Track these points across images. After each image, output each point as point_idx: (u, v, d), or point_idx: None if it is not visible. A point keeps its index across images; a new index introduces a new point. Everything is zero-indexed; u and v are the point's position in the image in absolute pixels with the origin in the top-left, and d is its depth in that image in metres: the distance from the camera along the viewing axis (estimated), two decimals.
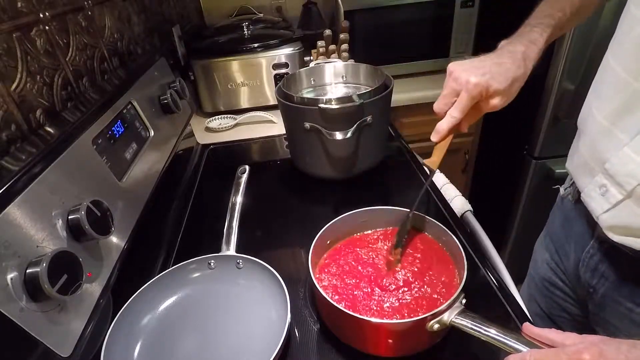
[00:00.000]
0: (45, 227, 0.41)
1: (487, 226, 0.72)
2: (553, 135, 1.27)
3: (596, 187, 0.52)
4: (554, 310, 0.73)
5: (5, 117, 0.49)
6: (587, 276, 0.60)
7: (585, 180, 0.55)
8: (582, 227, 0.61)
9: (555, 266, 0.70)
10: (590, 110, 0.54)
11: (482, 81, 0.51)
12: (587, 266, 0.60)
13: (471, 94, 0.51)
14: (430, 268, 0.56)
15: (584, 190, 0.55)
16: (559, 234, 0.68)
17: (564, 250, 0.67)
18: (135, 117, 0.71)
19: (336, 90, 0.92)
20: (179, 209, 0.83)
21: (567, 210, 0.66)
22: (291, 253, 0.70)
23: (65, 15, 0.65)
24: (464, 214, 0.75)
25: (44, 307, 0.39)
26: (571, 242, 0.64)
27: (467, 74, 0.52)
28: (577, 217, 0.63)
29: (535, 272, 0.77)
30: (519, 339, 0.39)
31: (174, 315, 0.57)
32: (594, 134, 0.53)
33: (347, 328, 0.50)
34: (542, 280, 0.74)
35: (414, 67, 1.47)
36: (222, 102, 1.23)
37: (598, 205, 0.52)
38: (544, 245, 0.74)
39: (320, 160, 0.81)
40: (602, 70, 0.54)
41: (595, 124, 0.52)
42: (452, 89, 0.53)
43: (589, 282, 0.60)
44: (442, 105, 0.55)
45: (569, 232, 0.65)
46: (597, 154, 0.52)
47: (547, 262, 0.72)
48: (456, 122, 0.53)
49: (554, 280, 0.71)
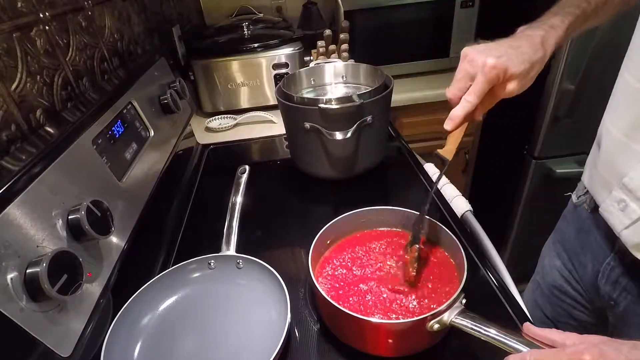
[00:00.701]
0: (45, 227, 0.41)
1: (487, 226, 0.72)
2: (553, 135, 1.27)
3: (614, 202, 0.51)
4: (561, 317, 0.71)
5: (5, 117, 0.49)
6: (607, 288, 0.59)
7: (602, 194, 0.54)
8: (600, 238, 0.59)
9: (567, 274, 0.68)
10: (605, 125, 0.53)
11: (499, 63, 0.48)
12: (607, 278, 0.58)
13: (488, 76, 0.48)
14: (430, 268, 0.56)
15: (602, 205, 0.54)
16: (573, 243, 0.67)
17: (578, 260, 0.65)
18: (135, 117, 0.71)
19: (336, 90, 0.92)
20: (179, 209, 0.83)
21: (582, 219, 0.64)
22: (291, 253, 0.70)
23: (65, 15, 0.65)
24: (464, 214, 0.75)
25: (44, 307, 0.39)
26: (587, 253, 0.62)
27: (483, 55, 0.49)
28: (593, 227, 0.61)
29: (542, 278, 0.75)
30: (519, 339, 0.39)
31: (174, 315, 0.57)
32: (610, 149, 0.52)
33: (347, 328, 0.50)
34: (551, 287, 0.72)
35: (414, 67, 1.47)
36: (222, 102, 1.23)
37: (618, 220, 0.50)
38: (554, 252, 0.72)
39: (320, 160, 0.81)
40: (617, 84, 0.53)
41: (611, 139, 0.52)
42: (466, 72, 0.50)
43: (609, 295, 0.59)
44: (456, 90, 0.51)
45: (584, 241, 0.63)
46: (614, 168, 0.51)
47: (558, 269, 0.70)
48: (472, 107, 0.50)
49: (564, 288, 0.69)
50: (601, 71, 1.12)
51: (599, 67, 1.11)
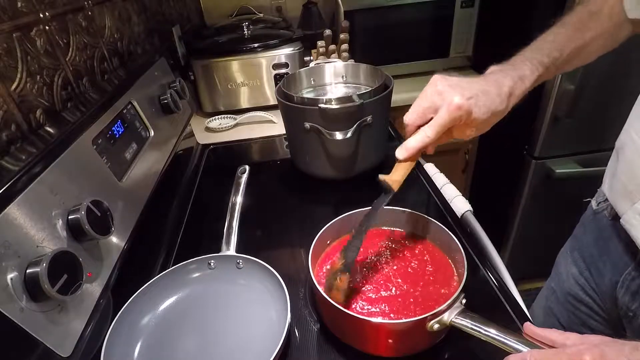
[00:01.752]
0: (45, 227, 0.41)
1: (487, 226, 0.72)
2: (553, 135, 1.27)
3: (636, 214, 0.50)
4: (574, 325, 0.70)
5: (5, 117, 0.49)
6: (626, 299, 0.58)
7: (624, 205, 0.53)
8: (620, 247, 0.58)
9: (584, 282, 0.67)
10: (629, 134, 0.53)
11: (465, 105, 0.46)
12: (627, 289, 0.57)
13: (452, 115, 0.46)
14: (430, 268, 0.56)
15: (624, 217, 0.53)
16: (591, 250, 0.65)
17: (596, 268, 0.64)
18: (135, 117, 0.71)
19: (336, 90, 0.92)
20: (179, 209, 0.83)
21: (602, 226, 0.63)
22: (291, 253, 0.70)
23: (65, 15, 0.65)
24: (464, 214, 0.75)
25: (44, 307, 0.39)
26: (606, 261, 0.61)
27: (453, 92, 0.46)
28: (613, 236, 0.60)
29: (558, 286, 0.74)
30: (519, 339, 0.39)
31: (174, 315, 0.57)
32: (633, 158, 0.51)
33: (347, 328, 0.50)
34: (567, 295, 0.71)
35: (414, 67, 1.47)
36: (222, 102, 1.23)
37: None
38: (571, 259, 0.71)
39: (320, 160, 0.81)
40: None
41: (634, 148, 0.51)
42: (432, 102, 0.48)
43: (628, 306, 0.58)
44: (417, 117, 0.49)
45: (603, 249, 0.62)
46: (636, 179, 0.50)
47: (574, 277, 0.69)
48: (429, 142, 0.48)
49: (580, 296, 0.68)
50: (601, 71, 1.12)
51: (599, 67, 1.11)
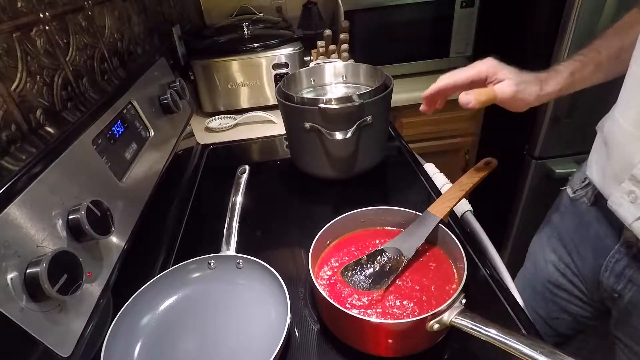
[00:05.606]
0: (45, 227, 0.41)
1: (487, 226, 0.72)
2: (553, 135, 1.27)
3: (624, 194, 0.51)
4: (553, 313, 0.72)
5: (5, 117, 0.49)
6: (611, 281, 0.59)
7: (611, 187, 0.54)
8: (602, 231, 0.60)
9: (564, 267, 0.69)
10: (615, 117, 0.54)
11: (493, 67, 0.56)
12: (611, 271, 0.59)
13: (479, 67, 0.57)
14: (430, 268, 0.56)
15: (610, 198, 0.54)
16: (572, 236, 0.67)
17: (577, 253, 0.65)
18: (135, 117, 0.71)
19: (336, 90, 0.92)
20: (179, 209, 0.83)
21: (581, 213, 0.65)
22: (291, 253, 0.70)
23: (65, 15, 0.65)
24: (464, 214, 0.75)
25: (44, 307, 0.39)
26: (587, 246, 0.63)
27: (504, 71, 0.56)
28: (594, 221, 0.61)
29: (534, 275, 0.76)
30: (519, 339, 0.39)
31: (174, 315, 0.57)
32: (620, 141, 0.52)
33: (347, 328, 0.50)
34: (545, 282, 0.73)
35: (414, 67, 1.47)
36: (222, 102, 1.23)
37: (628, 212, 0.51)
38: (549, 247, 0.73)
39: (320, 160, 0.81)
40: (627, 76, 0.54)
41: (621, 131, 0.52)
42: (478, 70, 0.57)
43: (612, 287, 0.59)
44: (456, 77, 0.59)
45: (584, 235, 0.64)
46: (624, 160, 0.51)
47: (554, 263, 0.71)
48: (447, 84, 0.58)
49: (559, 282, 0.70)
50: None
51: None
